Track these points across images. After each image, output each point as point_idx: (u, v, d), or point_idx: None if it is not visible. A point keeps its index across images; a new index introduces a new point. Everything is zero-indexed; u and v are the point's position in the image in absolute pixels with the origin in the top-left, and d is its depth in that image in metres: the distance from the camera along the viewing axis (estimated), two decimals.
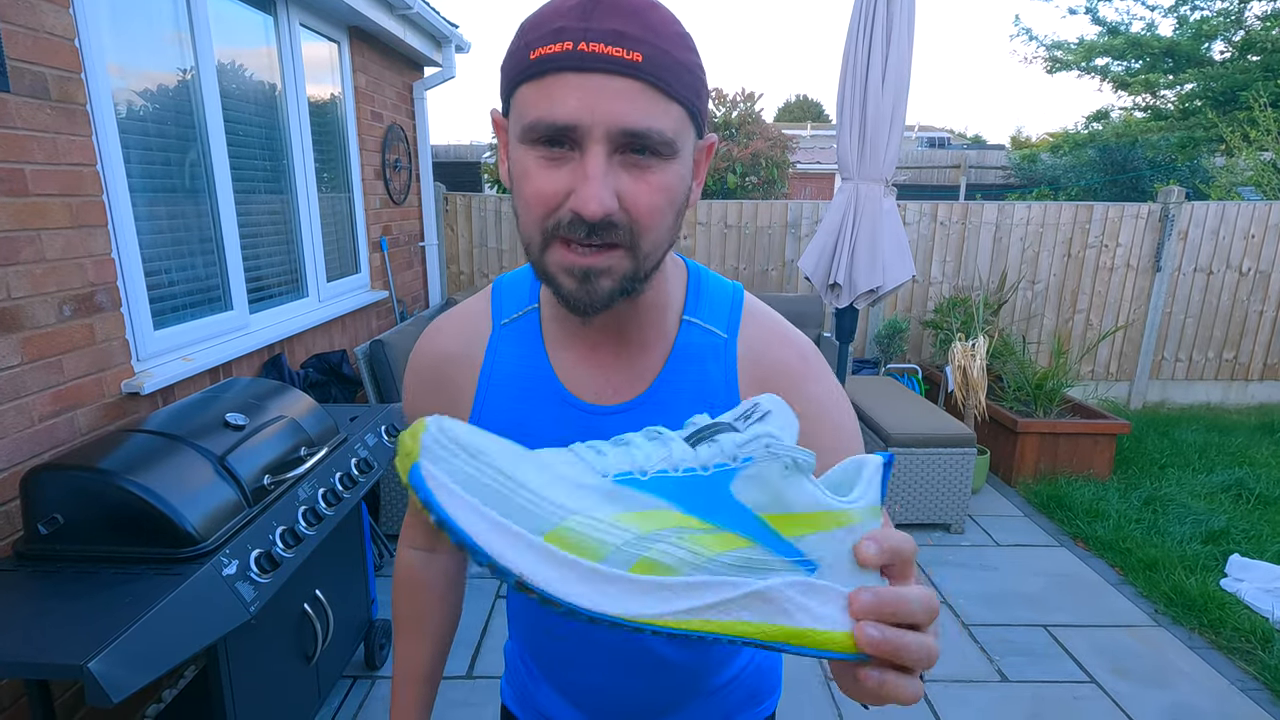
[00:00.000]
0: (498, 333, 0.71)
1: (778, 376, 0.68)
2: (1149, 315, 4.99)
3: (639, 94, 0.52)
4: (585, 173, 0.52)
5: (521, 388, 0.69)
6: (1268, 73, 8.85)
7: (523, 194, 0.55)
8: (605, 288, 0.56)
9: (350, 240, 3.70)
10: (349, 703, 2.16)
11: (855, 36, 2.85)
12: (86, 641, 1.16)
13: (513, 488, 0.38)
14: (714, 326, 0.69)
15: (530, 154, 0.54)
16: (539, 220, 0.55)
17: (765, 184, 6.10)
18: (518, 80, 0.54)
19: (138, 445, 1.56)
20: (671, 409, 0.66)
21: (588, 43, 0.50)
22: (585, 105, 0.51)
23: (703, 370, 0.67)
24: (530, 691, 0.86)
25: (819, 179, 13.51)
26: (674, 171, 0.55)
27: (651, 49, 0.51)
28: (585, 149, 0.52)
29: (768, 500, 0.41)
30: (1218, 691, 2.23)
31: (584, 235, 0.54)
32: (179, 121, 2.34)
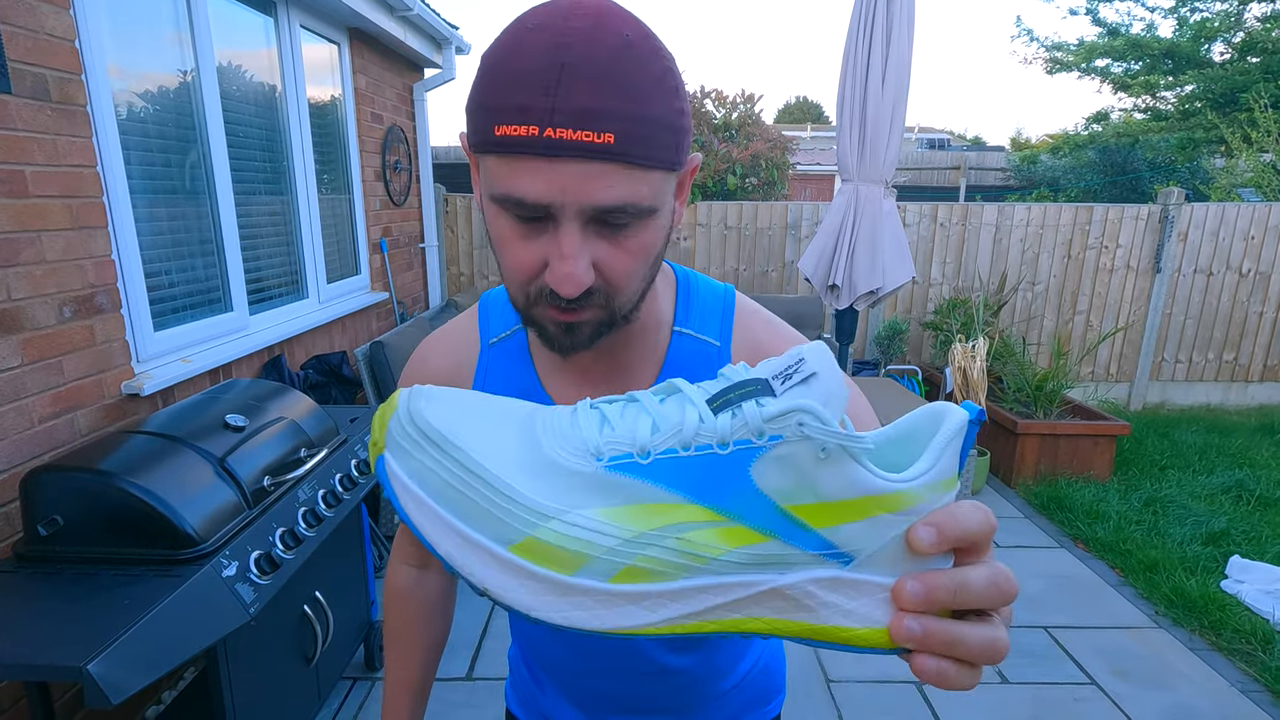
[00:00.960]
0: (486, 353, 0.71)
1: None
2: (1149, 316, 4.99)
3: (612, 174, 0.49)
4: (560, 251, 0.50)
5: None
6: (1268, 74, 8.86)
7: (502, 259, 0.55)
8: (585, 334, 0.57)
9: (350, 242, 3.70)
10: (349, 704, 2.16)
11: (855, 38, 2.85)
12: (86, 643, 1.16)
13: (479, 488, 0.34)
14: (706, 335, 0.68)
15: (503, 218, 0.53)
16: (521, 285, 0.55)
17: (765, 185, 6.10)
18: (483, 147, 0.51)
19: (138, 447, 1.56)
20: None
21: (554, 128, 0.46)
22: (555, 189, 0.48)
23: (696, 381, 0.67)
24: (535, 696, 0.86)
25: (819, 180, 13.52)
26: (653, 227, 0.54)
27: (624, 124, 0.47)
28: (559, 224, 0.50)
29: (795, 488, 0.34)
30: (1218, 693, 2.23)
31: (563, 305, 0.54)
32: (179, 123, 2.34)
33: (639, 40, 0.49)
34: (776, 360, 0.37)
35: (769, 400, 0.34)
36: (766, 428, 0.34)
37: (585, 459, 0.35)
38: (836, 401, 0.36)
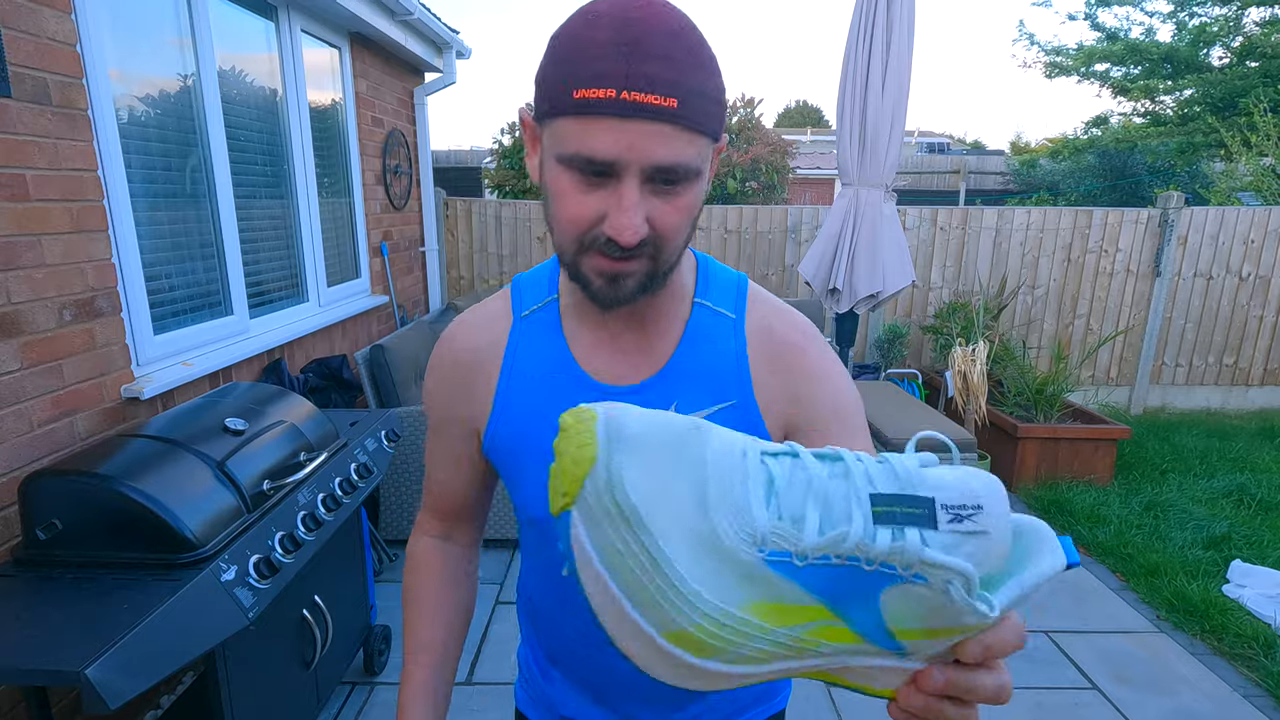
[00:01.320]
0: (518, 325, 0.75)
1: (787, 351, 0.73)
2: (1149, 320, 4.99)
3: (673, 135, 0.56)
4: (621, 203, 0.58)
5: (542, 373, 0.73)
6: (1267, 78, 8.88)
7: (560, 213, 0.61)
8: (630, 287, 0.63)
9: (350, 245, 3.71)
10: (348, 709, 2.15)
11: (855, 42, 2.86)
12: (84, 648, 1.15)
13: (655, 577, 0.36)
14: (722, 308, 0.74)
15: (566, 175, 0.59)
16: (575, 236, 0.61)
17: (765, 189, 6.11)
18: (558, 111, 0.58)
19: (137, 450, 1.55)
20: (685, 384, 0.72)
21: (629, 91, 0.54)
22: (624, 146, 0.56)
23: (714, 348, 0.73)
24: (544, 691, 0.86)
25: (819, 184, 13.53)
26: (695, 191, 0.62)
27: (685, 93, 0.56)
28: (621, 180, 0.58)
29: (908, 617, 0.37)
30: (1220, 698, 2.22)
31: (618, 252, 0.60)
32: (180, 127, 2.35)
33: (690, 27, 0.58)
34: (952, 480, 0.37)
35: (932, 538, 0.35)
36: (919, 567, 0.35)
37: (749, 547, 0.36)
38: (992, 560, 0.36)
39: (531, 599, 0.84)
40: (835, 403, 0.72)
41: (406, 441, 2.95)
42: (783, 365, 0.72)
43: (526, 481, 0.74)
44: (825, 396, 0.72)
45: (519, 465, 0.74)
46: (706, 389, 0.71)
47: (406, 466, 2.99)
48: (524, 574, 0.85)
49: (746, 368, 0.72)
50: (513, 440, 0.74)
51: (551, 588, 0.79)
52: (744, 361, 0.72)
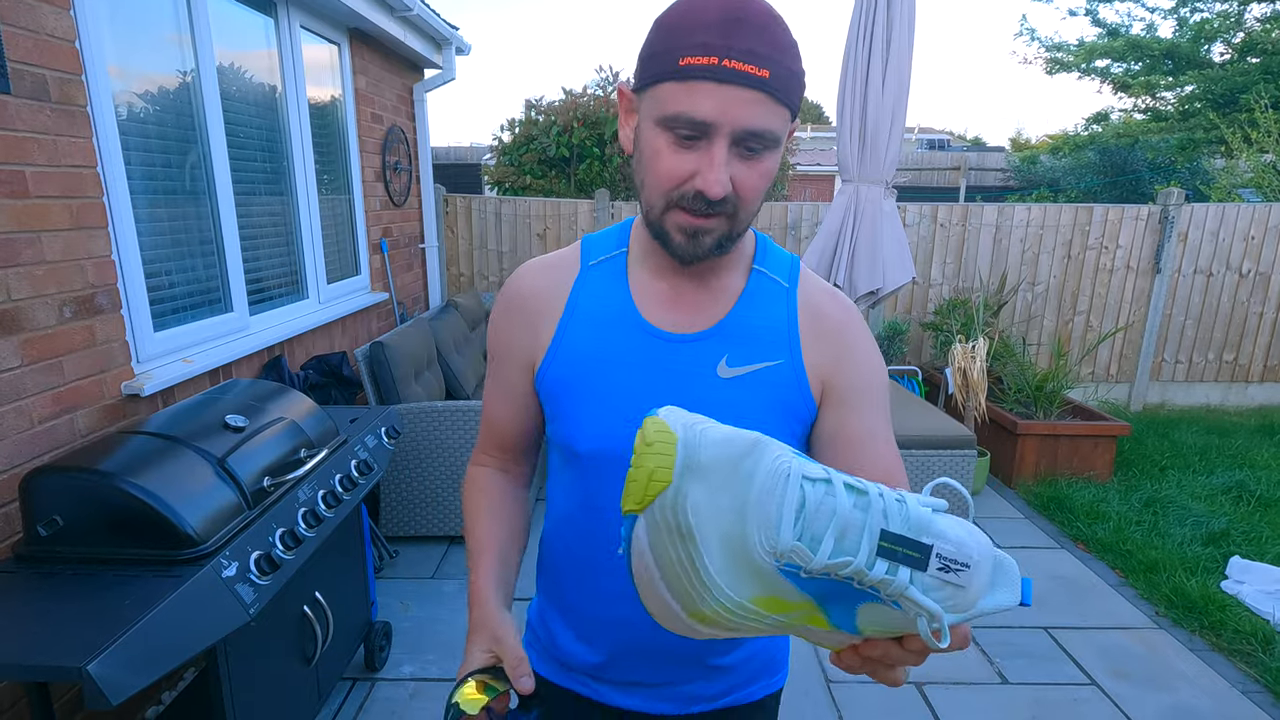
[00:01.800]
0: (585, 272, 0.81)
1: (833, 325, 0.79)
2: (1149, 317, 4.99)
3: (762, 103, 0.63)
4: (712, 161, 0.64)
5: (604, 318, 0.78)
6: (1268, 74, 8.86)
7: (655, 168, 0.68)
8: (708, 244, 0.70)
9: (350, 242, 3.70)
10: (349, 705, 2.16)
11: (855, 39, 2.85)
12: (86, 644, 1.15)
13: (693, 578, 0.45)
14: (778, 277, 0.81)
15: (663, 136, 0.66)
16: (665, 191, 0.68)
17: None
18: (663, 76, 0.64)
19: (137, 447, 1.55)
20: (738, 338, 0.77)
21: (730, 59, 0.61)
22: (720, 109, 0.63)
23: (767, 310, 0.79)
24: (552, 642, 0.89)
25: (819, 181, 13.52)
26: (774, 158, 0.68)
27: (776, 66, 0.63)
28: (713, 141, 0.64)
29: (877, 624, 0.45)
30: (1218, 693, 2.23)
31: (703, 208, 0.67)
32: (179, 123, 2.34)
33: (783, 18, 0.65)
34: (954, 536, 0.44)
35: (919, 578, 0.42)
36: (899, 598, 0.42)
37: (769, 557, 0.44)
38: (963, 607, 0.43)
39: (553, 538, 0.88)
40: (868, 379, 0.79)
41: (407, 438, 2.96)
42: (829, 337, 0.79)
43: (577, 417, 0.78)
44: (861, 372, 0.79)
45: (571, 400, 0.78)
46: (758, 346, 0.77)
47: (407, 463, 2.99)
48: (551, 514, 0.88)
49: (797, 332, 0.78)
50: (567, 376, 0.78)
51: (579, 522, 0.82)
52: (795, 326, 0.78)
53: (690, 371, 0.76)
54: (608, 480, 0.78)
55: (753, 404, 0.76)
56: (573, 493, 0.82)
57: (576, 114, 6.19)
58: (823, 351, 0.78)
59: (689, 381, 0.76)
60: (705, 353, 0.76)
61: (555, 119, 6.26)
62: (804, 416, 0.78)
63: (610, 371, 0.77)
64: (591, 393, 0.77)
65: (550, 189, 6.41)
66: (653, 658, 0.83)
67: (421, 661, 2.34)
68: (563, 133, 6.20)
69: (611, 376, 0.77)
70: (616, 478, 0.76)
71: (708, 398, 0.75)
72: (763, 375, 0.76)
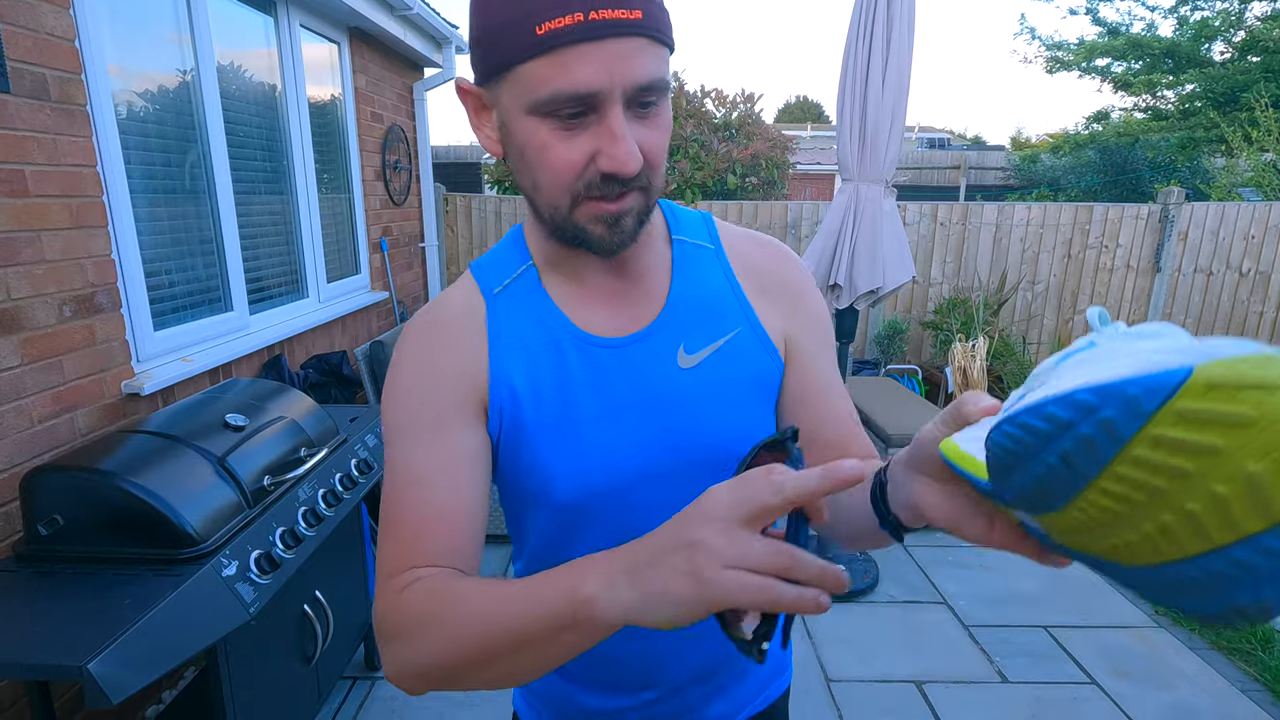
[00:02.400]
0: (493, 302, 0.69)
1: (772, 275, 0.74)
2: (1149, 316, 4.99)
3: (645, 49, 0.54)
4: (614, 134, 0.55)
5: (538, 343, 0.67)
6: (1268, 73, 8.85)
7: (547, 164, 0.57)
8: (630, 226, 0.61)
9: (350, 241, 3.70)
10: (349, 704, 2.16)
11: (855, 37, 2.85)
12: (86, 642, 1.16)
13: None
14: (700, 240, 0.74)
15: (543, 126, 0.56)
16: (568, 186, 0.58)
17: (765, 185, 6.10)
18: (520, 55, 0.54)
19: (138, 446, 1.56)
20: (688, 321, 0.70)
21: (596, 10, 0.52)
22: (603, 72, 0.53)
23: (705, 280, 0.72)
24: (549, 688, 0.82)
25: (819, 180, 13.51)
26: (668, 106, 0.60)
27: (644, 3, 0.54)
28: (605, 112, 0.55)
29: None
30: (1218, 692, 2.23)
31: (616, 189, 0.58)
32: (179, 122, 2.34)
33: None
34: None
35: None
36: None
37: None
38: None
39: None
40: (823, 322, 0.76)
41: None
42: (776, 290, 0.74)
43: (546, 464, 0.66)
44: (816, 317, 0.76)
45: (532, 446, 0.66)
46: (711, 321, 0.70)
47: None
48: (530, 565, 0.75)
49: (743, 293, 0.72)
50: (528, 419, 0.65)
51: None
52: (739, 288, 0.72)
53: (650, 372, 0.67)
54: (598, 527, 0.68)
55: (725, 385, 0.69)
56: (558, 543, 0.70)
57: None
58: (776, 306, 0.73)
59: (650, 383, 0.67)
60: (658, 347, 0.68)
61: None
62: (775, 380, 0.73)
63: (566, 401, 0.66)
64: (558, 433, 0.66)
65: None
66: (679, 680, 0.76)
67: None
68: None
69: (570, 406, 0.66)
70: (609, 517, 0.68)
71: (675, 393, 0.68)
72: (726, 350, 0.70)
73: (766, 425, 0.72)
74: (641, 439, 0.67)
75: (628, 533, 0.64)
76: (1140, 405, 0.28)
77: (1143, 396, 0.28)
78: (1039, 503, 0.36)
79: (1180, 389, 0.27)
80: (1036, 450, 0.33)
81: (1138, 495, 0.30)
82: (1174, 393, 0.27)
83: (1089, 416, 0.30)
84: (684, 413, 0.68)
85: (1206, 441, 0.27)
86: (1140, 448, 0.29)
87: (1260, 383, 0.26)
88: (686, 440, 0.68)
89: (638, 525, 0.65)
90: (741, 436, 0.70)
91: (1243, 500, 0.27)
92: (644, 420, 0.67)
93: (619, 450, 0.67)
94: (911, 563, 2.99)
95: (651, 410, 0.67)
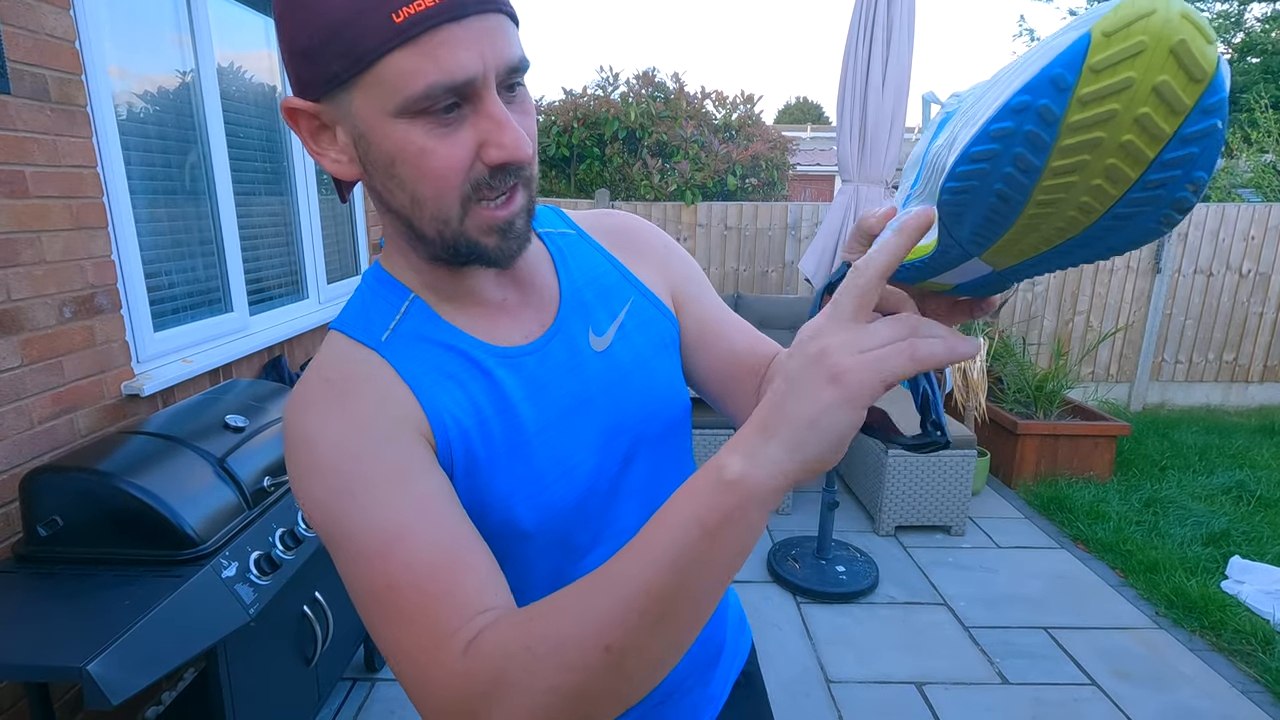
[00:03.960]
0: (387, 349, 0.60)
1: (632, 241, 0.76)
2: (1149, 317, 4.99)
3: (506, 28, 0.51)
4: (497, 121, 0.51)
5: (461, 369, 0.61)
6: (1267, 74, 8.87)
7: (430, 170, 0.51)
8: (521, 228, 0.58)
9: (350, 242, 3.70)
10: (348, 705, 2.15)
11: (855, 38, 2.86)
12: (86, 644, 1.15)
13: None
14: (562, 229, 0.74)
15: (415, 127, 0.50)
16: (455, 190, 0.52)
17: (765, 186, 6.10)
18: (378, 49, 0.47)
19: (137, 447, 1.56)
20: (588, 306, 0.69)
21: None
22: (475, 54, 0.48)
23: (585, 262, 0.72)
24: None
25: (819, 181, 13.52)
26: (528, 88, 0.56)
27: None
28: (482, 98, 0.50)
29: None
30: (1219, 694, 2.23)
31: (505, 182, 0.54)
32: (179, 124, 2.34)
33: None
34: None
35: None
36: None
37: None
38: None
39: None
40: (690, 263, 0.80)
41: None
42: (641, 249, 0.76)
43: (504, 495, 0.61)
44: (684, 260, 0.79)
45: (496, 473, 0.60)
46: (606, 300, 0.71)
47: None
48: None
49: (621, 264, 0.73)
50: (477, 450, 0.60)
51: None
52: (615, 260, 0.73)
53: (573, 366, 0.66)
54: (572, 545, 0.65)
55: (637, 355, 0.70)
56: (534, 570, 0.65)
57: (576, 114, 6.19)
58: (648, 269, 0.75)
59: (578, 376, 0.66)
60: (571, 338, 0.67)
61: (555, 119, 6.26)
62: (675, 335, 0.75)
63: (511, 420, 0.61)
64: (509, 458, 0.61)
65: (550, 189, 6.41)
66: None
67: None
68: (563, 133, 6.20)
69: (516, 425, 0.61)
70: (580, 537, 0.65)
71: (602, 379, 0.67)
72: (628, 322, 0.71)
73: (681, 377, 0.76)
74: (589, 435, 0.66)
75: (599, 544, 0.67)
76: (1065, 79, 0.33)
77: (1065, 71, 0.33)
78: (990, 231, 0.39)
79: (1088, 50, 0.32)
80: (990, 171, 0.37)
81: (1081, 156, 0.34)
82: (1085, 55, 0.32)
83: (1026, 112, 0.34)
84: (616, 395, 0.68)
85: (1121, 78, 0.32)
86: (1074, 114, 0.33)
87: (1140, 13, 0.31)
88: (627, 422, 0.68)
89: (605, 534, 0.68)
90: (674, 396, 0.73)
91: (1159, 109, 0.32)
92: (586, 415, 0.66)
93: (573, 455, 0.65)
94: (911, 563, 2.99)
95: (589, 402, 0.66)
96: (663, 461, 0.72)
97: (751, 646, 0.92)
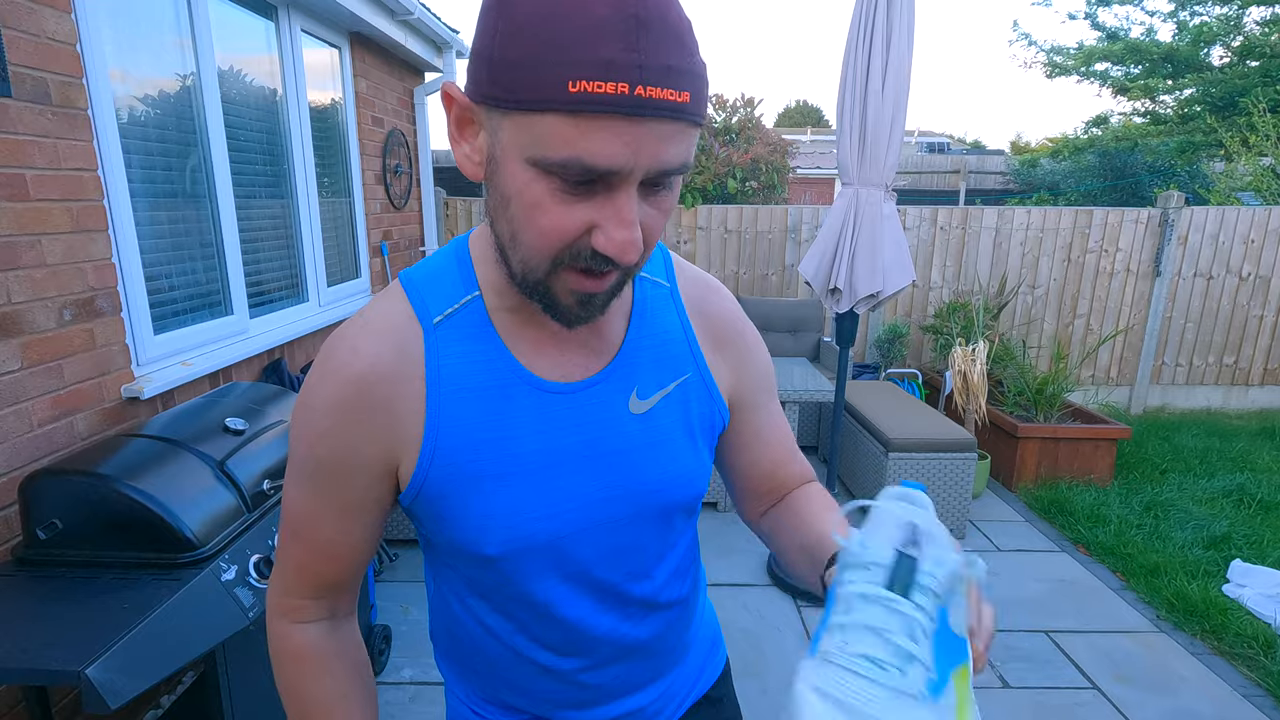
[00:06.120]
0: (432, 333, 0.61)
1: (727, 329, 0.74)
2: (1149, 320, 4.99)
3: (681, 134, 0.49)
4: (621, 218, 0.49)
5: (484, 384, 0.61)
6: (1267, 78, 8.87)
7: (536, 224, 0.51)
8: (600, 303, 0.57)
9: (351, 245, 3.71)
10: None
11: (855, 41, 2.86)
12: (84, 647, 1.15)
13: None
14: (657, 277, 0.71)
15: (541, 182, 0.49)
16: (552, 251, 0.52)
17: (765, 189, 6.10)
18: (542, 105, 0.46)
19: (137, 450, 1.55)
20: (642, 365, 0.67)
21: (645, 86, 0.45)
22: (632, 153, 0.47)
23: (660, 322, 0.69)
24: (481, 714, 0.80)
25: (819, 184, 13.53)
26: (679, 185, 0.54)
27: (694, 80, 0.47)
28: (617, 189, 0.49)
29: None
30: (1220, 697, 2.22)
31: (603, 266, 0.52)
32: (180, 127, 2.35)
33: (680, 6, 0.48)
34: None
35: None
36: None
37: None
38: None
39: (471, 642, 0.74)
40: (766, 377, 0.77)
41: None
42: (727, 342, 0.73)
43: (480, 516, 0.62)
44: (760, 371, 0.76)
45: (466, 498, 0.62)
46: (663, 365, 0.68)
47: None
48: (459, 617, 0.73)
49: (695, 339, 0.70)
50: (457, 471, 0.61)
51: (506, 627, 0.70)
52: (691, 332, 0.70)
53: (602, 419, 0.64)
54: (534, 575, 0.66)
55: (672, 429, 0.68)
56: (487, 596, 0.69)
57: None
58: (726, 359, 0.72)
59: (602, 430, 0.64)
60: (612, 392, 0.65)
61: None
62: (718, 426, 0.73)
63: (511, 451, 0.62)
64: (495, 483, 0.61)
65: None
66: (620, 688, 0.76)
67: (421, 665, 2.33)
68: None
69: (511, 456, 0.62)
70: (543, 571, 0.66)
71: (625, 441, 0.65)
72: (676, 395, 0.68)
73: (706, 468, 0.72)
74: (585, 488, 0.65)
75: (560, 581, 0.67)
76: None
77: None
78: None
79: None
80: None
81: None
82: None
83: None
84: (632, 460, 0.66)
85: None
86: None
87: None
88: (632, 489, 0.67)
89: (570, 575, 0.67)
90: (685, 482, 0.69)
91: None
92: (590, 469, 0.64)
93: (561, 501, 0.64)
94: None
95: (599, 459, 0.64)
96: (646, 535, 0.70)
97: (723, 671, 0.89)
